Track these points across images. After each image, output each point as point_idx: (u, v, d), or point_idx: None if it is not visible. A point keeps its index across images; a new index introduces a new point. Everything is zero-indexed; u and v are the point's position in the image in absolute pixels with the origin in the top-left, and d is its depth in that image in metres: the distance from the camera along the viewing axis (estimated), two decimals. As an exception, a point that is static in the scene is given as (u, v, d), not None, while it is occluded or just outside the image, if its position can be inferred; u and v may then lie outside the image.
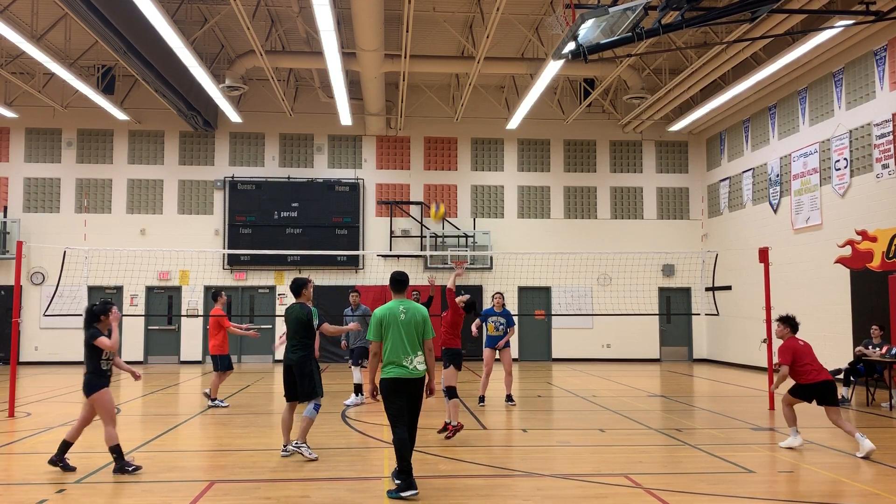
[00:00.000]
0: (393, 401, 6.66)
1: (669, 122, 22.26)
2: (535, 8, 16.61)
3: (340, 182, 22.25)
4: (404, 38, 15.96)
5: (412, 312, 6.81)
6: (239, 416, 11.38)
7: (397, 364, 6.66)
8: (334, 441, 9.04)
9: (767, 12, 10.45)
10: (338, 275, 21.88)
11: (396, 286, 7.00)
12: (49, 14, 16.42)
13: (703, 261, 14.39)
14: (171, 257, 20.70)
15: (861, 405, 12.46)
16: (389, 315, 6.76)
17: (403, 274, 7.08)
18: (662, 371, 19.54)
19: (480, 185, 22.88)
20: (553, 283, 22.12)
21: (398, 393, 6.66)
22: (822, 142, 16.93)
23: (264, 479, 7.16)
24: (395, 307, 6.82)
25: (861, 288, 15.47)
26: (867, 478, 7.37)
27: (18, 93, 20.44)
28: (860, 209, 15.52)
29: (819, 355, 17.33)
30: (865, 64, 15.53)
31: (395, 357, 6.67)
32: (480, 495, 6.65)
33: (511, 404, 12.25)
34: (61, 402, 13.02)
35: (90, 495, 6.60)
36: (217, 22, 17.24)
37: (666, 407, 12.50)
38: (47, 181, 21.82)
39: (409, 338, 6.71)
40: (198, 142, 22.34)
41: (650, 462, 8.14)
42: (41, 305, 20.78)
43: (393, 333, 6.70)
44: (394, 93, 21.15)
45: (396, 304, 6.86)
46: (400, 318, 6.74)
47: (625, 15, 9.13)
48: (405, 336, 6.70)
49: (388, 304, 6.92)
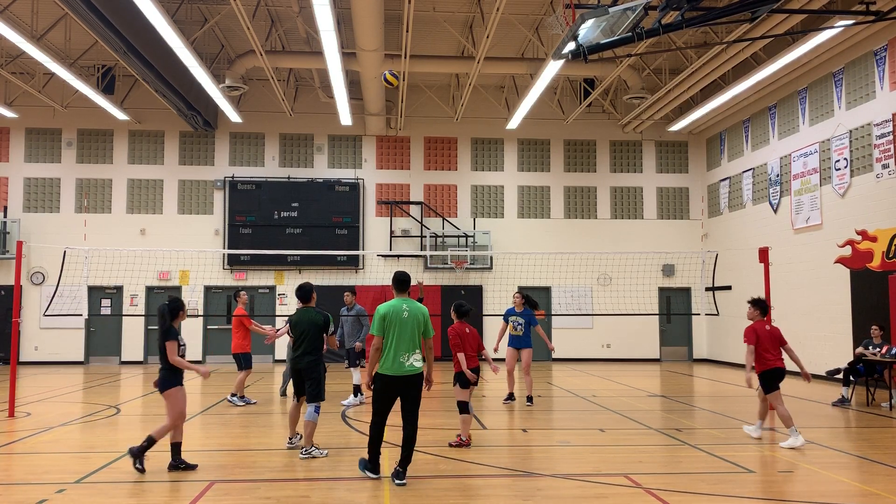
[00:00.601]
0: (382, 395, 7.00)
1: (669, 122, 22.26)
2: (535, 8, 16.61)
3: (340, 182, 22.26)
4: (404, 38, 15.96)
5: (414, 312, 7.10)
6: (239, 416, 11.39)
7: (395, 360, 6.93)
8: (334, 441, 9.04)
9: (767, 12, 10.45)
10: (338, 275, 21.88)
11: (399, 286, 7.29)
12: (49, 14, 16.43)
13: (703, 261, 14.38)
14: (171, 257, 20.71)
15: (861, 405, 12.46)
16: (393, 312, 7.04)
17: (406, 274, 7.35)
18: (662, 371, 19.54)
19: (480, 185, 22.89)
20: (553, 283, 22.12)
21: (390, 388, 6.97)
22: (822, 142, 16.93)
23: (264, 479, 7.16)
24: (398, 305, 7.10)
25: (861, 288, 15.47)
26: (867, 478, 7.37)
27: (18, 93, 20.45)
28: (860, 209, 15.52)
29: (819, 355, 17.41)
30: (865, 64, 15.53)
31: (395, 353, 6.93)
32: (481, 495, 6.66)
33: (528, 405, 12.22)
34: (61, 402, 13.02)
35: (90, 495, 6.60)
36: (217, 22, 17.24)
37: (666, 407, 12.50)
38: (47, 181, 21.83)
39: (409, 335, 6.99)
40: (198, 142, 22.35)
41: (650, 462, 8.14)
42: (41, 305, 20.78)
43: (394, 330, 6.97)
44: (394, 93, 21.15)
45: (400, 302, 7.14)
46: (403, 317, 7.03)
47: (625, 15, 9.13)
48: (406, 334, 6.98)
49: (392, 301, 7.17)
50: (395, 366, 6.92)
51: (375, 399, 7.04)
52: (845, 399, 12.48)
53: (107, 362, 21.54)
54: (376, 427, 7.04)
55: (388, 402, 7.03)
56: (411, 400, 7.02)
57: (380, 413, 7.03)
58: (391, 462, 7.87)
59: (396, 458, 7.13)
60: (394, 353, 6.93)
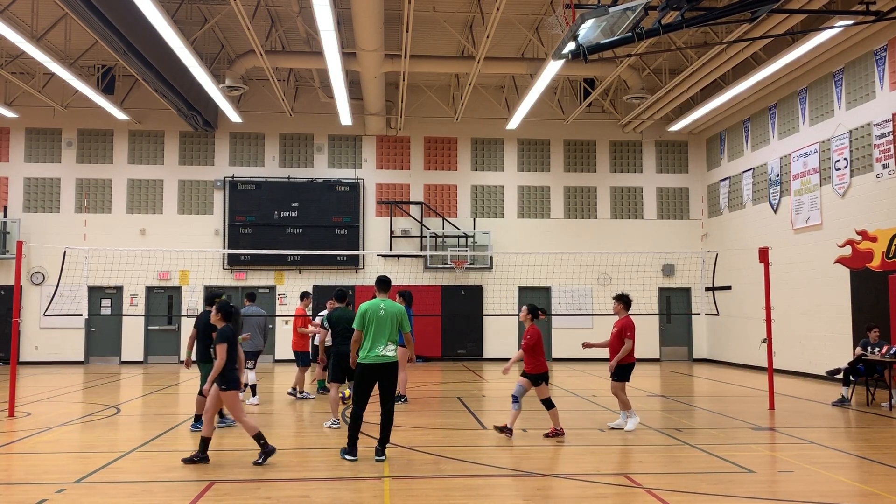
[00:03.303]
0: (362, 381, 8.00)
1: (669, 122, 22.26)
2: (535, 8, 16.61)
3: (340, 182, 22.26)
4: (404, 38, 15.96)
5: (389, 310, 8.12)
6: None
7: (372, 350, 7.93)
8: (334, 441, 9.05)
9: (767, 12, 10.46)
10: (338, 275, 21.88)
11: (381, 286, 8.46)
12: (49, 14, 16.42)
13: (703, 261, 14.39)
14: (171, 257, 20.71)
15: (861, 405, 12.46)
16: (371, 310, 8.06)
17: (387, 277, 8.54)
18: (662, 371, 19.54)
19: (480, 185, 22.89)
20: (553, 283, 22.12)
21: (369, 375, 7.97)
22: (822, 142, 16.93)
23: (264, 479, 7.16)
24: (376, 304, 8.13)
25: (861, 288, 15.47)
26: (867, 478, 7.38)
27: (18, 93, 20.44)
28: (860, 209, 15.52)
29: (819, 355, 17.45)
30: (865, 64, 15.53)
31: (372, 345, 7.95)
32: (480, 495, 6.66)
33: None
34: (61, 402, 13.02)
35: (90, 495, 6.60)
36: (217, 22, 17.24)
37: (666, 407, 12.50)
38: (47, 181, 21.83)
39: (385, 330, 8.00)
40: (198, 142, 22.34)
41: (650, 462, 8.14)
42: (41, 305, 20.78)
43: (372, 325, 7.98)
44: (394, 93, 21.15)
45: (378, 301, 8.18)
46: (379, 314, 8.05)
47: (625, 15, 9.13)
48: (381, 328, 7.99)
49: (372, 300, 8.21)
50: (371, 355, 7.91)
51: (356, 385, 8.06)
52: (845, 399, 12.48)
53: (107, 362, 21.54)
54: (356, 415, 7.97)
55: (367, 387, 8.01)
56: (387, 385, 8.03)
57: (360, 397, 7.99)
58: (391, 462, 7.89)
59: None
60: (371, 344, 7.94)
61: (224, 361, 7.74)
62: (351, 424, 7.95)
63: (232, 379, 7.83)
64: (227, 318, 8.06)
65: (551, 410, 9.49)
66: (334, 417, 10.04)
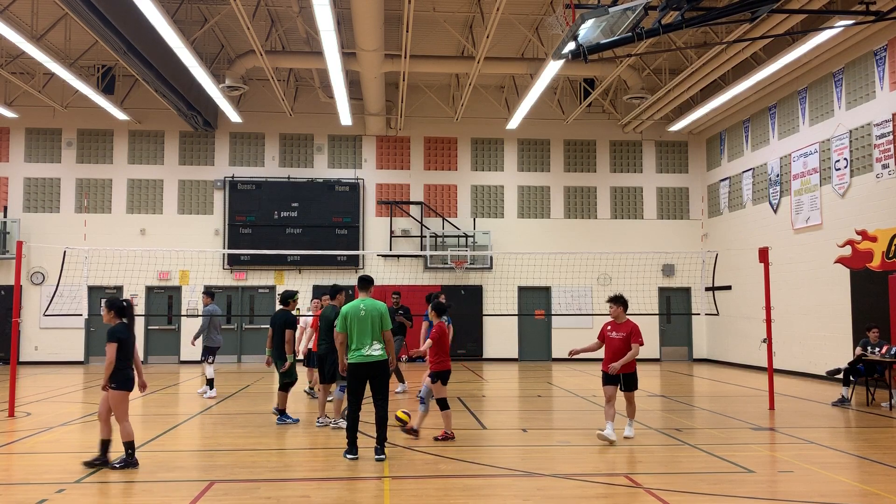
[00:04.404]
0: (352, 381, 8.05)
1: (669, 122, 22.26)
2: (535, 8, 16.61)
3: (340, 182, 22.26)
4: (404, 38, 15.96)
5: (370, 309, 8.10)
6: (239, 415, 11.38)
7: (357, 351, 7.98)
8: (334, 441, 9.04)
9: (767, 12, 10.45)
10: (338, 275, 21.87)
11: (363, 285, 8.43)
12: (49, 14, 16.42)
13: (703, 261, 14.38)
14: (171, 257, 20.70)
15: (861, 405, 12.46)
16: (352, 312, 8.09)
17: (369, 276, 8.56)
18: (662, 371, 19.54)
19: (480, 185, 22.89)
20: (553, 283, 22.11)
21: (358, 375, 8.01)
22: (822, 142, 16.93)
23: (264, 479, 7.16)
24: (357, 305, 8.15)
25: (861, 288, 15.47)
26: (867, 478, 7.38)
27: (18, 93, 20.44)
28: (860, 209, 15.52)
29: (819, 355, 17.42)
30: (865, 64, 15.53)
31: (357, 345, 8.00)
32: (480, 495, 6.66)
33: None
34: (61, 402, 13.02)
35: (90, 495, 6.60)
36: (217, 22, 17.24)
37: (666, 407, 12.49)
38: (47, 181, 21.82)
39: (367, 329, 8.00)
40: (198, 142, 22.34)
41: (650, 462, 8.14)
42: (41, 305, 20.77)
43: (354, 326, 8.02)
44: (394, 93, 21.15)
45: (359, 302, 8.19)
46: (360, 314, 8.06)
47: (625, 15, 9.13)
48: (364, 328, 8.00)
49: (353, 301, 8.23)
50: (357, 355, 7.98)
51: (349, 385, 8.12)
52: (845, 399, 12.48)
53: (107, 362, 21.50)
54: (352, 416, 8.03)
55: (359, 387, 8.05)
56: (378, 384, 8.02)
57: (354, 398, 8.04)
58: (391, 462, 7.89)
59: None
60: (356, 344, 8.01)
61: (113, 360, 7.38)
62: (349, 425, 8.01)
63: (123, 378, 7.46)
64: (121, 314, 7.64)
65: (444, 412, 9.11)
66: (336, 417, 10.06)
